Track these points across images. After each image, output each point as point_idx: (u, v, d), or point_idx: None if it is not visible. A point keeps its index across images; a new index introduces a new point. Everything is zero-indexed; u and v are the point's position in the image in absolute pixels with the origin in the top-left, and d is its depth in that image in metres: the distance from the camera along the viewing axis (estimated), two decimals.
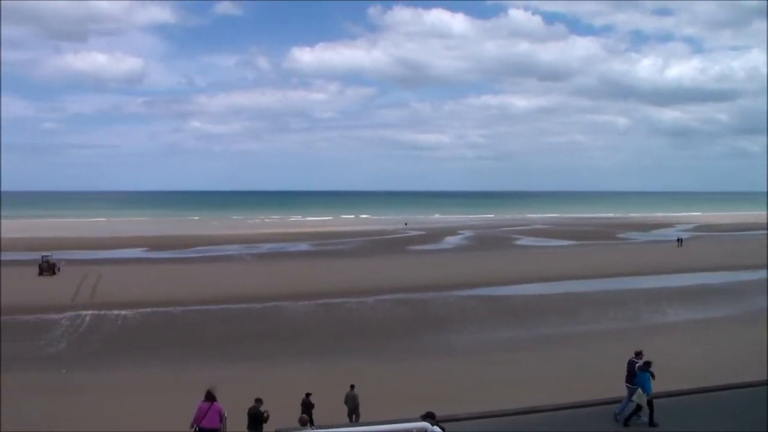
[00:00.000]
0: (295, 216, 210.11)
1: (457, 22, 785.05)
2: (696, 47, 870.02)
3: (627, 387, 22.98)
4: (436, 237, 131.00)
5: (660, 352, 23.71)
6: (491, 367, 37.29)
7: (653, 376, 22.10)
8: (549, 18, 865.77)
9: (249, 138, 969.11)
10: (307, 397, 26.72)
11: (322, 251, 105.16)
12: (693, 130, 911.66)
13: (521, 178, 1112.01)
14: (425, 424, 12.95)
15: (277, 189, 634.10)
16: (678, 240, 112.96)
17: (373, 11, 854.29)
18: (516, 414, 23.99)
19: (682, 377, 25.77)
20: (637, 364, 22.69)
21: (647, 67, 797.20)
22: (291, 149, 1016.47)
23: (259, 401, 22.41)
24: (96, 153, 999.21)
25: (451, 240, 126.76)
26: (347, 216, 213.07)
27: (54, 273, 74.32)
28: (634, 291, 64.45)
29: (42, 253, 79.37)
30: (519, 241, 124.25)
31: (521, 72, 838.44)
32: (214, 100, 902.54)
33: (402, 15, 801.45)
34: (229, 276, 74.27)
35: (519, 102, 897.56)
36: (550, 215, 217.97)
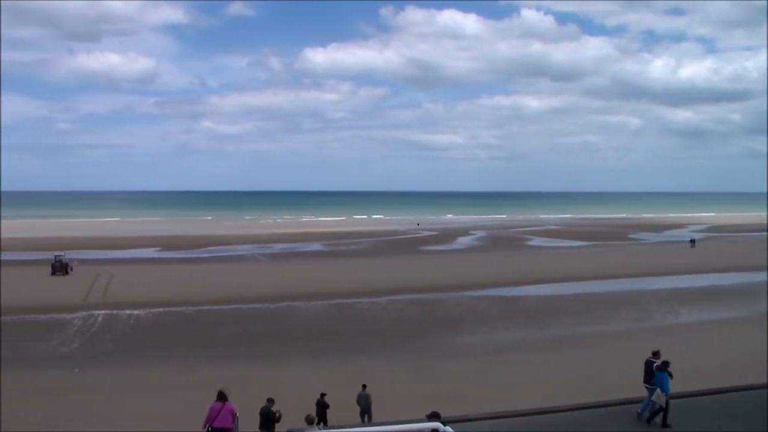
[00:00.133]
0: (308, 216, 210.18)
1: (470, 22, 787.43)
2: (709, 47, 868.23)
3: (646, 387, 22.90)
4: (448, 237, 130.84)
5: (672, 352, 23.57)
6: (503, 368, 37.22)
7: (671, 375, 22.04)
8: (561, 18, 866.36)
9: (261, 138, 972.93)
10: (322, 398, 26.70)
11: (334, 251, 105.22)
12: (706, 130, 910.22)
13: (534, 178, 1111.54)
14: (437, 424, 12.94)
15: (290, 189, 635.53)
16: (691, 241, 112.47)
17: (386, 12, 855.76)
18: (528, 414, 23.98)
19: (694, 378, 25.67)
20: (655, 363, 22.62)
21: (660, 68, 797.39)
22: (303, 149, 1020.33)
23: (271, 401, 22.44)
24: (108, 153, 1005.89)
25: (464, 240, 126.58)
26: (359, 216, 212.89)
27: (67, 273, 74.52)
28: (646, 292, 64.25)
29: (55, 253, 79.55)
30: (531, 242, 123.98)
31: (534, 72, 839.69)
32: (226, 100, 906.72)
33: (414, 16, 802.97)
34: (242, 276, 74.40)
35: (531, 102, 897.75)
36: (562, 216, 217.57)
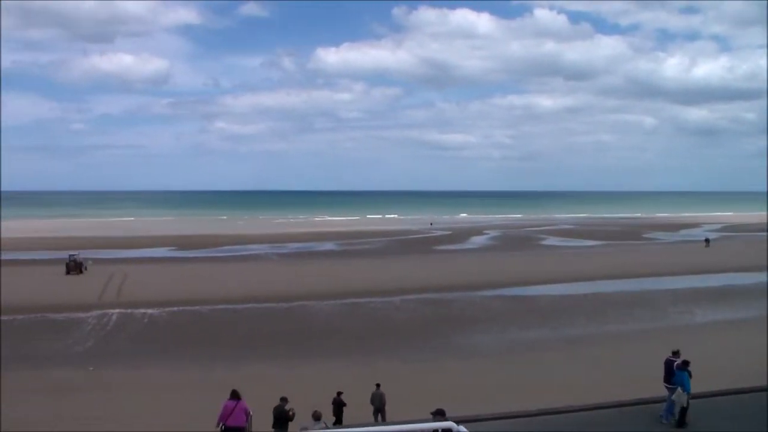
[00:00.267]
0: (321, 216, 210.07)
1: (483, 22, 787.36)
2: (723, 45, 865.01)
3: (666, 387, 22.78)
4: (461, 237, 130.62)
5: (686, 353, 23.45)
6: (516, 368, 37.20)
7: (690, 375, 21.94)
8: (574, 17, 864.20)
9: (274, 138, 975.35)
10: (338, 396, 26.75)
11: (347, 251, 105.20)
12: (720, 129, 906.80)
13: (547, 177, 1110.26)
14: (451, 423, 12.89)
15: (303, 189, 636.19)
16: (705, 240, 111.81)
17: (398, 11, 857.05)
18: (541, 414, 23.90)
19: (708, 379, 25.54)
20: (675, 363, 22.51)
21: (674, 66, 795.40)
22: (316, 149, 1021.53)
23: (285, 400, 22.49)
24: (122, 153, 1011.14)
25: (477, 240, 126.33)
26: (373, 216, 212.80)
27: (81, 272, 74.80)
28: (660, 291, 63.98)
29: (69, 252, 79.96)
30: (545, 241, 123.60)
31: (547, 72, 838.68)
32: (239, 100, 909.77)
33: (427, 15, 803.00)
34: (256, 275, 74.49)
35: (545, 102, 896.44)
36: (576, 215, 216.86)
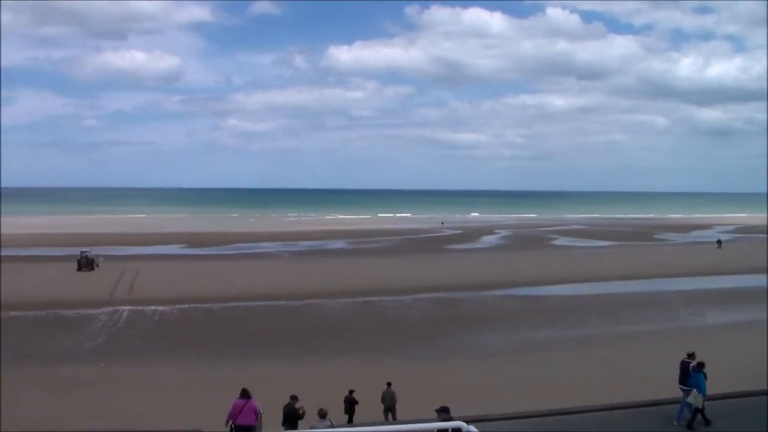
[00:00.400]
0: (332, 214, 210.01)
1: (495, 21, 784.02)
2: (737, 45, 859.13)
3: (681, 389, 22.68)
4: (472, 236, 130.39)
5: (698, 354, 23.36)
6: (526, 367, 37.13)
7: (706, 377, 21.85)
8: (587, 17, 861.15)
9: (286, 136, 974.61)
10: (351, 394, 26.77)
11: (358, 249, 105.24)
12: (734, 129, 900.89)
13: (559, 177, 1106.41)
14: (461, 423, 12.85)
15: (315, 187, 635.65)
16: (717, 241, 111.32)
17: (411, 10, 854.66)
18: (552, 415, 23.86)
19: (719, 380, 25.44)
20: (691, 365, 22.40)
21: (687, 66, 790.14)
22: (329, 147, 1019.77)
23: (295, 398, 22.50)
24: (134, 150, 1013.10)
25: (488, 239, 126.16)
26: (384, 214, 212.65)
27: (92, 268, 75.07)
28: (671, 292, 63.77)
29: (81, 249, 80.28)
30: (556, 241, 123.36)
31: (559, 71, 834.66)
32: (251, 98, 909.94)
33: (439, 14, 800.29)
34: (267, 273, 74.62)
35: (557, 101, 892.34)
36: (588, 215, 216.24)
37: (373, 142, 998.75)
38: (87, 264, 75.36)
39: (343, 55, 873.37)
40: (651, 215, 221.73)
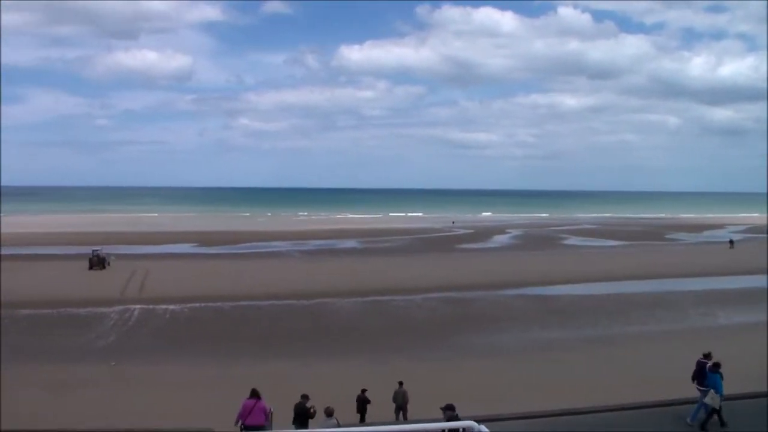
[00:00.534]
0: (343, 213, 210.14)
1: (506, 20, 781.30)
2: (750, 45, 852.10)
3: (698, 389, 22.54)
4: (484, 236, 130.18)
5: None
6: (536, 367, 36.99)
7: (722, 377, 21.73)
8: (598, 16, 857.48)
9: (297, 135, 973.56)
10: (363, 393, 26.78)
11: (369, 249, 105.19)
12: (747, 129, 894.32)
13: (570, 177, 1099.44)
14: (472, 423, 12.76)
15: (326, 186, 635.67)
16: (730, 241, 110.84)
17: (422, 10, 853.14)
18: (563, 415, 23.77)
19: (732, 381, 25.29)
20: (707, 365, 22.26)
21: (699, 66, 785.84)
22: (339, 147, 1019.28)
23: (306, 397, 22.50)
24: (146, 149, 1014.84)
25: (499, 239, 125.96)
26: (395, 214, 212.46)
27: (104, 267, 75.25)
28: (683, 293, 63.53)
29: (92, 248, 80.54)
30: (567, 241, 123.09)
31: (570, 70, 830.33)
32: (262, 97, 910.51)
33: (451, 13, 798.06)
34: (277, 272, 74.67)
35: (568, 101, 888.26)
36: (599, 215, 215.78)
37: (384, 141, 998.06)
38: (98, 263, 75.58)
39: (354, 55, 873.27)
40: (662, 215, 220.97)
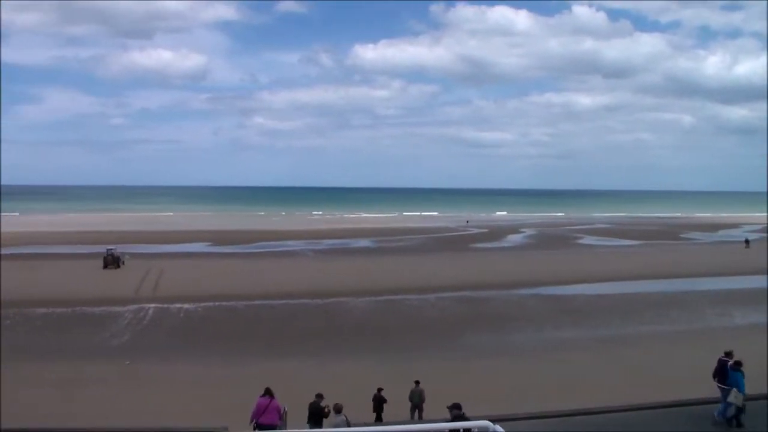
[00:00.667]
0: (358, 212, 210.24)
1: (521, 19, 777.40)
2: (766, 43, 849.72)
3: (720, 388, 22.44)
4: (498, 235, 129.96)
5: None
6: (551, 367, 36.87)
7: (744, 375, 21.65)
8: (613, 15, 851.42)
9: (312, 134, 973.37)
10: (379, 392, 26.81)
11: (383, 248, 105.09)
12: (762, 128, 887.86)
13: (585, 176, 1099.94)
14: (487, 423, 12.77)
15: (340, 185, 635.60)
16: (745, 241, 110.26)
17: (436, 9, 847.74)
18: (578, 414, 23.71)
19: (747, 382, 25.18)
20: (729, 363, 22.17)
21: (714, 64, 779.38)
22: (354, 146, 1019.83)
23: (320, 396, 22.53)
24: (161, 148, 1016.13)
25: (513, 238, 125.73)
26: (410, 213, 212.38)
27: (118, 266, 75.49)
28: (698, 293, 63.28)
29: (107, 247, 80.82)
30: (582, 240, 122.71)
31: (585, 69, 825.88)
32: (277, 96, 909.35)
33: (465, 12, 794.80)
34: (291, 271, 74.77)
35: (583, 100, 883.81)
36: (613, 214, 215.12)
37: (399, 140, 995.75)
38: (113, 262, 75.78)
39: (369, 54, 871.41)
40: (677, 214, 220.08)
